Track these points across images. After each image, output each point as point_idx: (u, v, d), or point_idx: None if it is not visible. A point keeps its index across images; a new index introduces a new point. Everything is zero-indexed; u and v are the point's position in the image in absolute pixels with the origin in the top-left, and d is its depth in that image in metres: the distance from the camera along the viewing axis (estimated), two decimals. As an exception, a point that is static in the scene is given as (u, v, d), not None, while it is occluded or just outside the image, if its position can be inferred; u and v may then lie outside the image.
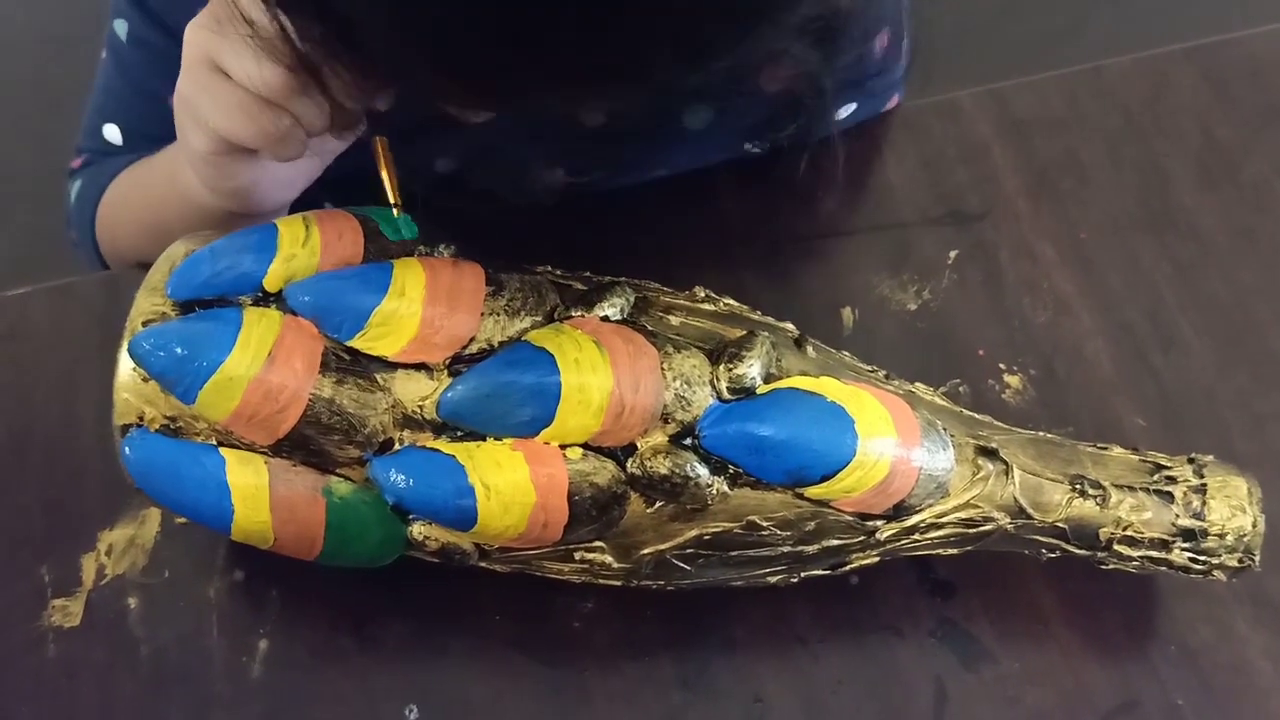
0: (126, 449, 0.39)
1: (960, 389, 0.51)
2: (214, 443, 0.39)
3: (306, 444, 0.38)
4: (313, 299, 0.39)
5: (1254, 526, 0.40)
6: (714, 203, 0.56)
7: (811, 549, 0.40)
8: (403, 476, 0.38)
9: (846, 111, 0.58)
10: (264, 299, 0.39)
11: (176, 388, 0.38)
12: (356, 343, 0.38)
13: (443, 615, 0.46)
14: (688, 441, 0.38)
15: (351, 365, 0.38)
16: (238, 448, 0.39)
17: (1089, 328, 0.52)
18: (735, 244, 0.55)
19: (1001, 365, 0.51)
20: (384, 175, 0.42)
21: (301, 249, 0.40)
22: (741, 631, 0.45)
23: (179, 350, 0.37)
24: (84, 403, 0.51)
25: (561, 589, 0.44)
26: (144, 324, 0.39)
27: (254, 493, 0.39)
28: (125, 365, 0.39)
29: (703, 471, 0.38)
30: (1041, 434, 0.43)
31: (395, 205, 0.42)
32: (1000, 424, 0.43)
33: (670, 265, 0.48)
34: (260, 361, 0.37)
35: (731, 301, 0.44)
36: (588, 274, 0.43)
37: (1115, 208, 0.56)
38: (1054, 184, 0.57)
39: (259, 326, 0.38)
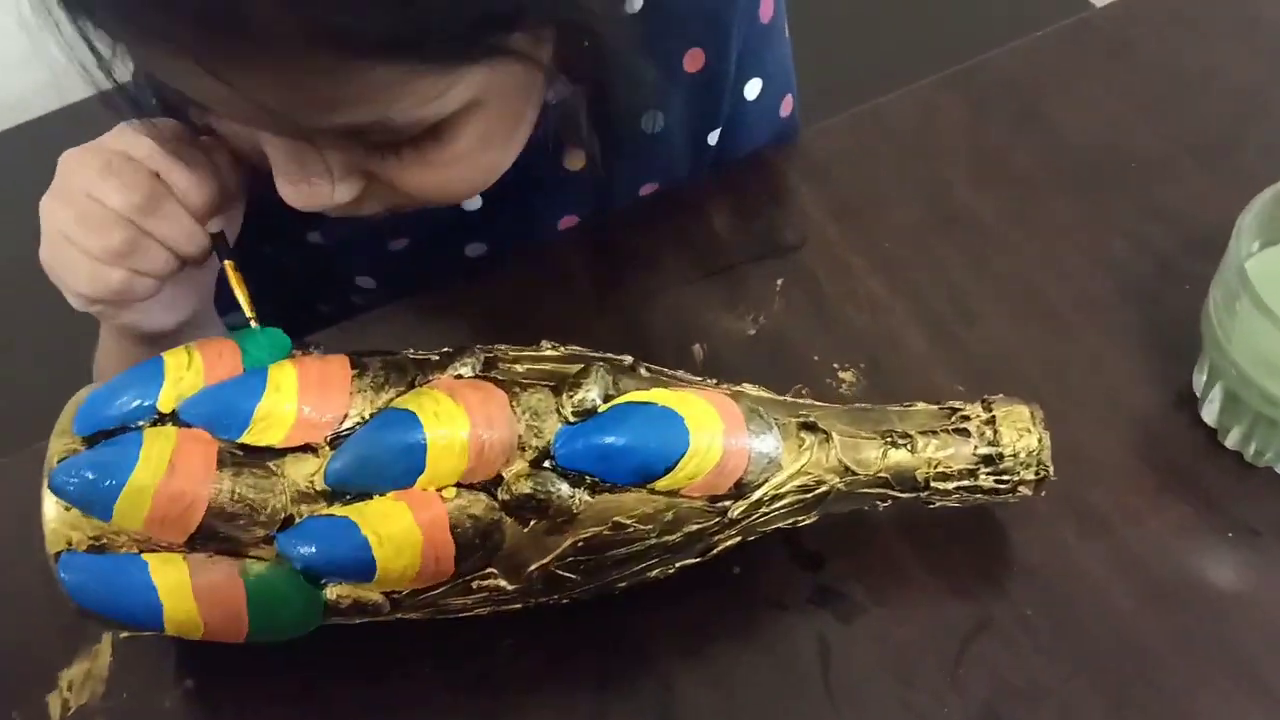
0: (62, 572, 0.44)
1: (803, 392, 0.57)
2: (136, 550, 0.44)
3: (216, 534, 0.44)
4: (202, 410, 0.44)
5: (1039, 442, 0.47)
6: (567, 269, 0.64)
7: (675, 537, 0.46)
8: (307, 545, 0.43)
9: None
10: (160, 420, 0.45)
11: (94, 508, 0.43)
12: (246, 438, 0.44)
13: (385, 680, 0.50)
14: (546, 464, 0.44)
15: (245, 459, 0.44)
16: (158, 550, 0.44)
17: (903, 319, 0.59)
18: (590, 309, 0.62)
19: (835, 365, 0.58)
20: (238, 295, 0.49)
21: (187, 372, 0.45)
22: (646, 631, 0.50)
23: (90, 475, 0.43)
24: (34, 564, 0.55)
25: (484, 629, 0.49)
26: (58, 462, 0.44)
27: (177, 587, 0.44)
28: (49, 500, 0.44)
29: (563, 486, 0.44)
30: (856, 405, 0.49)
31: (252, 318, 0.49)
32: (818, 403, 0.49)
33: (525, 331, 0.55)
34: (162, 470, 0.43)
35: (575, 347, 0.50)
36: (445, 349, 0.49)
37: (909, 217, 0.64)
38: (856, 208, 0.65)
39: (158, 442, 0.44)
